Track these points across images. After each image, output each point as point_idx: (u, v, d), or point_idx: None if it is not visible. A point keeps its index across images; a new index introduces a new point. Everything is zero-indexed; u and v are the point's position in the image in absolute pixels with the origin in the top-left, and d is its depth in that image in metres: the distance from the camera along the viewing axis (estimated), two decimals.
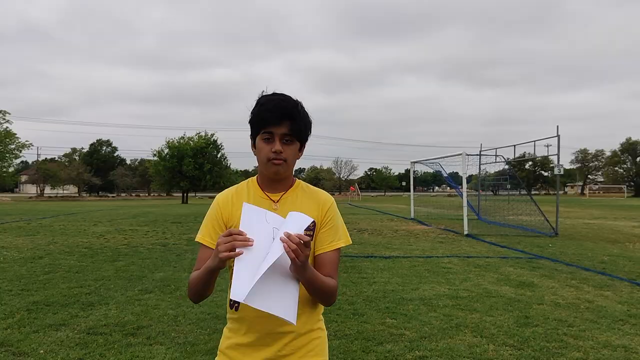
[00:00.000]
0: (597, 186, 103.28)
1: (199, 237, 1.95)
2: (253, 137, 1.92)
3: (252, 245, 1.66)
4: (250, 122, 1.90)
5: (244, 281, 1.63)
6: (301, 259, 1.63)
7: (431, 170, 27.05)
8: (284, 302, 1.69)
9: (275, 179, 1.92)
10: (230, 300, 1.87)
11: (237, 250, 1.63)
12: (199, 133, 56.05)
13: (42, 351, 4.82)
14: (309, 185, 2.04)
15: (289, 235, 1.61)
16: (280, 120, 1.82)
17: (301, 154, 1.97)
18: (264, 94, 1.91)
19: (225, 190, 2.04)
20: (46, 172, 76.57)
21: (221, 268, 1.72)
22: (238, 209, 1.81)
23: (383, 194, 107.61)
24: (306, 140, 1.96)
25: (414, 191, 28.12)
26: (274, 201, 1.93)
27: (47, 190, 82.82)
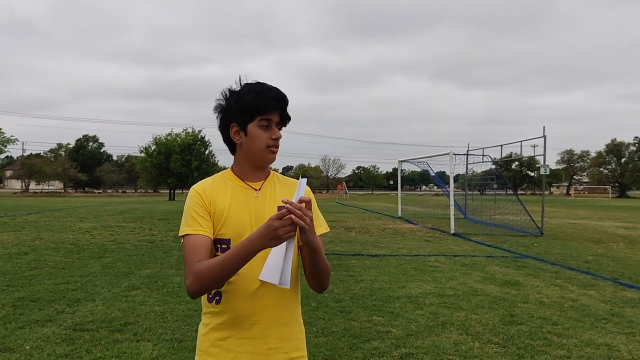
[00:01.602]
0: (582, 187, 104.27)
1: (191, 230, 1.82)
2: (244, 123, 1.87)
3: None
4: (243, 108, 1.85)
5: (277, 263, 1.70)
6: (307, 221, 1.63)
7: (419, 170, 27.18)
8: (282, 270, 1.70)
9: (261, 167, 1.93)
10: (210, 293, 1.87)
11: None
12: (187, 129, 55.81)
13: (27, 347, 4.80)
14: (280, 175, 2.05)
15: (289, 203, 1.63)
16: (278, 108, 1.85)
17: None
18: (247, 82, 1.90)
19: (203, 181, 1.96)
20: (31, 167, 75.77)
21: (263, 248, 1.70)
22: (218, 199, 1.86)
23: (371, 192, 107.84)
24: None
25: (402, 190, 28.22)
26: (255, 190, 1.92)
27: (32, 185, 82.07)
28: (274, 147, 1.87)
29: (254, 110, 1.83)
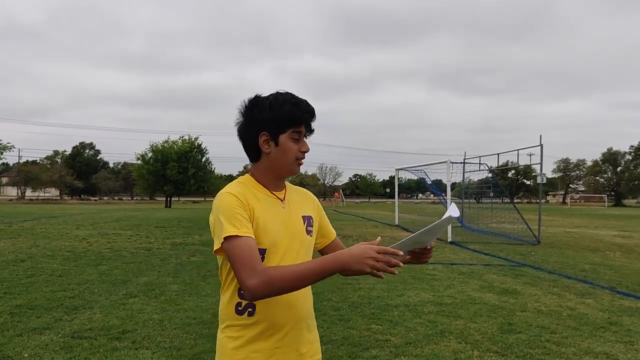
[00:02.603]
0: (578, 195, 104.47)
1: (240, 232, 1.74)
2: (276, 133, 1.85)
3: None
4: (279, 118, 1.84)
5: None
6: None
7: (415, 178, 27.22)
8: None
9: (284, 177, 1.96)
10: (240, 306, 1.83)
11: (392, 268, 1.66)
12: (183, 137, 55.85)
13: (26, 355, 4.78)
14: (290, 184, 2.07)
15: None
16: (309, 121, 1.89)
17: None
18: (279, 91, 1.90)
19: (231, 186, 1.88)
20: (27, 174, 75.69)
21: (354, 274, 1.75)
22: (255, 206, 1.84)
23: (367, 200, 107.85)
24: None
25: (398, 198, 28.24)
26: (281, 200, 1.93)
27: (28, 192, 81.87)
28: (301, 160, 1.90)
29: (289, 122, 1.84)
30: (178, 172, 52.68)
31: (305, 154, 1.91)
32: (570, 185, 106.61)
